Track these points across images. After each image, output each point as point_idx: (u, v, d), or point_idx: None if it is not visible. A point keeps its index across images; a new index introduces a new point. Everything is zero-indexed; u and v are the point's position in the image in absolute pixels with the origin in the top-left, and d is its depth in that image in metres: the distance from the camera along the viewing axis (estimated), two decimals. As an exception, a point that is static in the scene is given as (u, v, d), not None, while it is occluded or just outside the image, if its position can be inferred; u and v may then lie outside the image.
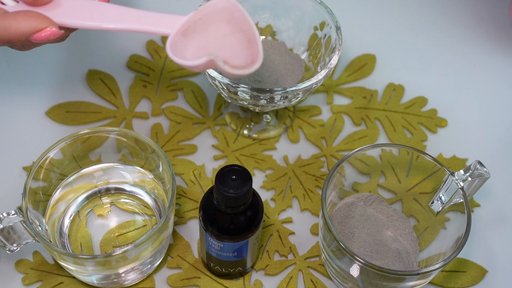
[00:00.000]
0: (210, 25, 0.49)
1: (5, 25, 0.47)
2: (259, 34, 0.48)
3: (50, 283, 0.59)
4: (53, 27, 0.48)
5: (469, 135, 0.71)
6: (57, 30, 0.48)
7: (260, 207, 0.55)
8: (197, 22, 0.49)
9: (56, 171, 0.59)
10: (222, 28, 0.49)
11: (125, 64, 0.74)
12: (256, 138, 0.69)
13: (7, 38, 0.48)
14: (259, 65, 0.47)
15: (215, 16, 0.49)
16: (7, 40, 0.48)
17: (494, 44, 0.79)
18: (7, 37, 0.48)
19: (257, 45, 0.48)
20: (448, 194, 0.58)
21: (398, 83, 0.74)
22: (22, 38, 0.48)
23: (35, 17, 0.47)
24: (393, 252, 0.59)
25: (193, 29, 0.49)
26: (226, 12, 0.49)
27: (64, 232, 0.60)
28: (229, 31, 0.49)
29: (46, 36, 0.48)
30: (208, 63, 0.46)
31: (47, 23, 0.47)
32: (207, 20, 0.49)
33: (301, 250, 0.63)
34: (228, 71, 0.47)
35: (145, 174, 0.62)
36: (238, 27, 0.49)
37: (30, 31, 0.47)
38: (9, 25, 0.47)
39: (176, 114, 0.70)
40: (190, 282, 0.60)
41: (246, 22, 0.48)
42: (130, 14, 0.49)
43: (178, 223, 0.63)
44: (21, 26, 0.47)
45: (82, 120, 0.69)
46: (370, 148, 0.59)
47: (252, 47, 0.48)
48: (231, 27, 0.49)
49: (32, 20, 0.47)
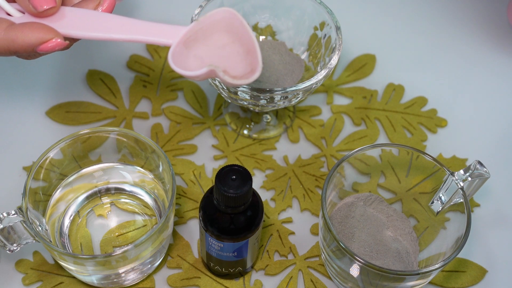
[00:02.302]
0: (211, 35, 0.50)
1: (12, 36, 0.48)
2: (258, 44, 0.49)
3: (50, 283, 0.59)
4: (58, 38, 0.49)
5: (469, 135, 0.71)
6: (62, 41, 0.49)
7: (260, 207, 0.55)
8: (198, 32, 0.50)
9: (56, 171, 0.59)
10: (222, 38, 0.50)
11: (125, 64, 0.74)
12: (256, 138, 0.69)
13: (13, 49, 0.49)
14: (258, 75, 0.48)
15: (215, 26, 0.50)
16: (14, 51, 0.49)
17: (493, 44, 0.79)
18: (14, 48, 0.49)
19: (256, 55, 0.49)
20: (448, 194, 0.58)
21: (398, 83, 0.74)
22: (28, 49, 0.49)
23: (40, 28, 0.48)
24: (393, 252, 0.59)
25: (194, 39, 0.50)
26: (226, 22, 0.50)
27: (64, 232, 0.60)
28: (229, 40, 0.50)
29: (52, 47, 0.49)
30: (208, 73, 0.48)
31: (52, 34, 0.48)
32: (207, 30, 0.50)
33: (301, 250, 0.63)
34: (228, 81, 0.48)
35: (145, 174, 0.62)
36: (237, 37, 0.50)
37: (36, 42, 0.48)
38: (15, 36, 0.48)
39: (176, 114, 0.70)
40: (190, 282, 0.60)
41: (245, 32, 0.49)
42: (133, 24, 0.50)
43: (178, 223, 0.63)
44: (27, 38, 0.48)
45: (82, 120, 0.69)
46: (370, 148, 0.59)
47: (252, 56, 0.49)
48: (230, 37, 0.50)
49: (38, 31, 0.48)
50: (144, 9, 0.79)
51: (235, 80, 0.48)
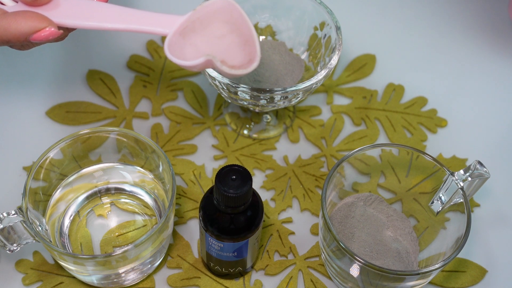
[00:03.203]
0: (208, 25, 0.49)
1: (4, 25, 0.47)
2: (256, 34, 0.48)
3: (50, 283, 0.59)
4: (52, 27, 0.48)
5: (469, 135, 0.71)
6: (56, 30, 0.48)
7: (260, 207, 0.55)
8: (195, 22, 0.49)
9: (56, 171, 0.59)
10: (220, 28, 0.49)
11: (125, 64, 0.74)
12: (256, 138, 0.69)
13: (6, 38, 0.48)
14: (256, 65, 0.47)
15: (213, 16, 0.49)
16: (6, 40, 0.48)
17: (494, 44, 0.79)
18: (6, 37, 0.48)
19: (255, 45, 0.48)
20: (448, 194, 0.58)
21: (398, 83, 0.74)
22: (21, 38, 0.48)
23: (34, 17, 0.48)
24: (393, 252, 0.59)
25: (191, 29, 0.49)
26: (224, 12, 0.49)
27: (64, 232, 0.60)
28: (227, 31, 0.49)
29: (45, 36, 0.48)
30: (206, 63, 0.47)
31: (46, 23, 0.48)
32: (205, 20, 0.49)
33: (301, 250, 0.63)
34: (226, 71, 0.47)
35: (145, 174, 0.62)
36: (235, 27, 0.49)
37: (29, 31, 0.48)
38: (8, 25, 0.47)
39: (176, 114, 0.70)
40: (190, 282, 0.60)
41: (243, 22, 0.49)
42: (128, 14, 0.49)
43: (178, 223, 0.63)
44: (20, 26, 0.47)
45: (82, 120, 0.69)
46: (370, 148, 0.59)
47: (250, 47, 0.48)
48: (229, 27, 0.49)
49: (31, 20, 0.47)
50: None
51: (232, 70, 0.47)
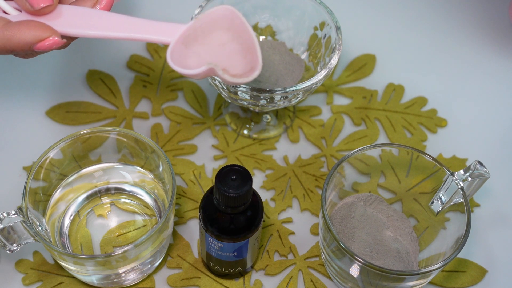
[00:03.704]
0: (210, 33, 0.50)
1: (8, 35, 0.48)
2: (258, 42, 0.48)
3: (50, 283, 0.59)
4: (55, 36, 0.48)
5: (469, 135, 0.71)
6: (59, 40, 0.49)
7: (260, 207, 0.55)
8: (197, 30, 0.49)
9: (56, 171, 0.59)
10: (221, 36, 0.50)
11: (125, 64, 0.74)
12: (256, 138, 0.69)
13: (10, 47, 0.48)
14: (258, 73, 0.47)
15: (215, 24, 0.50)
16: (11, 49, 0.49)
17: (494, 44, 0.79)
18: (10, 46, 0.48)
19: (256, 53, 0.48)
20: (448, 194, 0.58)
21: (398, 83, 0.74)
22: (25, 48, 0.48)
23: (37, 26, 0.48)
24: (393, 252, 0.59)
25: (193, 38, 0.49)
26: (226, 20, 0.49)
27: (64, 232, 0.60)
28: (229, 39, 0.50)
29: (49, 46, 0.48)
30: (207, 72, 0.47)
31: (49, 32, 0.48)
32: (206, 28, 0.50)
33: (301, 250, 0.63)
34: (228, 79, 0.47)
35: (145, 174, 0.62)
36: (237, 35, 0.49)
37: (33, 40, 0.48)
38: (12, 35, 0.48)
39: (176, 114, 0.70)
40: (190, 282, 0.60)
41: (245, 30, 0.49)
42: (131, 22, 0.50)
43: (178, 223, 0.63)
44: (23, 36, 0.48)
45: (82, 120, 0.69)
46: (370, 148, 0.59)
47: (251, 54, 0.48)
48: (230, 35, 0.50)
49: (35, 30, 0.48)
50: (143, 9, 0.79)
51: (234, 78, 0.48)
